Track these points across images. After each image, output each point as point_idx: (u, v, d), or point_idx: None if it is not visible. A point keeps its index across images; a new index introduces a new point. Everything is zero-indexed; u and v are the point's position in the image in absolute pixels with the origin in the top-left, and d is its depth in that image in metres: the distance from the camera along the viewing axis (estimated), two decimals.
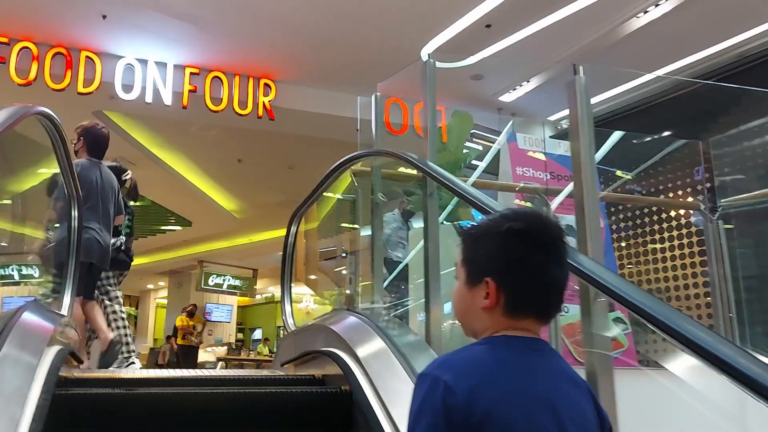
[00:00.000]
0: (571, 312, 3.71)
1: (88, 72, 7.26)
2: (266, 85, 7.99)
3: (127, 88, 7.39)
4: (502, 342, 1.12)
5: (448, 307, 2.68)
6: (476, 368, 1.07)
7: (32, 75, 7.04)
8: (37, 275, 13.94)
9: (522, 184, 3.72)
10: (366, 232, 3.80)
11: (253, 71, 7.91)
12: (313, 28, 6.97)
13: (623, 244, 4.47)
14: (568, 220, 3.79)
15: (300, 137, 9.45)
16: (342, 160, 3.65)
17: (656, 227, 4.53)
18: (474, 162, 5.34)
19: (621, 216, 4.60)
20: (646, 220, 4.58)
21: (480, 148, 5.51)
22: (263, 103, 7.96)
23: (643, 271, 4.45)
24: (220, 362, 18.46)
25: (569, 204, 3.59)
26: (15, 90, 7.16)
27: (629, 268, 4.50)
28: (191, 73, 7.61)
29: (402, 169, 3.88)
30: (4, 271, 13.86)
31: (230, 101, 7.77)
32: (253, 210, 13.55)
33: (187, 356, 16.97)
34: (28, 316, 1.90)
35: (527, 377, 1.08)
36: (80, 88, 7.23)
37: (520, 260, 1.13)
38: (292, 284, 18.29)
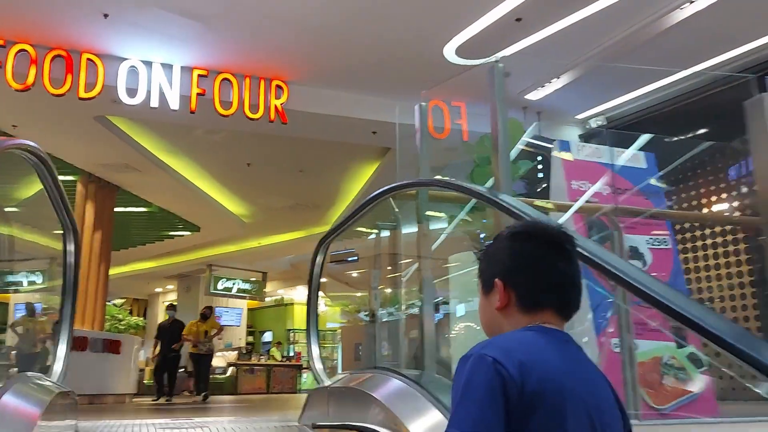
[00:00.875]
0: (641, 348, 3.24)
1: (90, 75, 6.81)
2: (278, 86, 7.53)
3: (131, 92, 6.94)
4: (533, 329, 1.13)
5: None
6: (521, 346, 1.07)
7: (30, 79, 6.60)
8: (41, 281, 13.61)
9: (582, 202, 3.24)
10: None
11: (265, 72, 7.45)
12: (327, 25, 6.51)
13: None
14: (634, 240, 3.31)
15: (311, 140, 9.00)
16: (385, 189, 3.17)
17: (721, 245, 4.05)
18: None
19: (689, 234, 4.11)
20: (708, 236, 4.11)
21: (529, 161, 5.02)
22: (275, 106, 7.49)
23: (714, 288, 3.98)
24: (231, 368, 18.09)
25: (644, 223, 3.12)
26: (13, 96, 6.73)
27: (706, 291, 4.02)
28: (199, 75, 7.15)
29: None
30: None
31: (240, 105, 7.32)
32: (262, 214, 13.13)
33: (198, 366, 16.50)
34: (10, 401, 1.44)
35: (567, 359, 1.09)
36: (81, 93, 6.79)
37: (523, 257, 1.18)
38: (300, 286, 17.85)
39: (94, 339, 9.51)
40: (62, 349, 2.52)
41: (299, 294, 21.44)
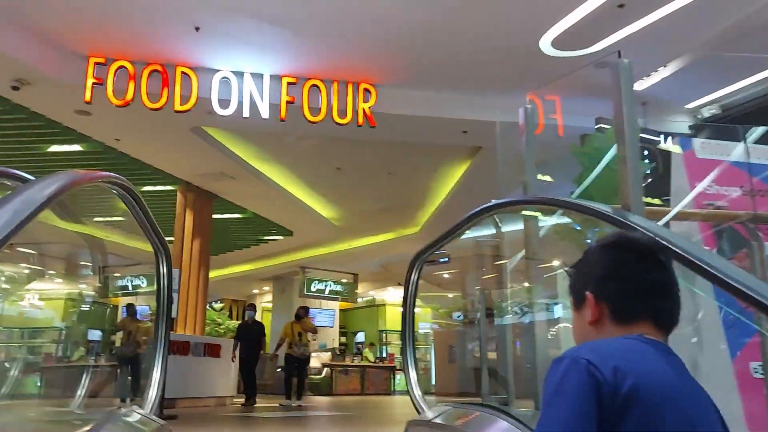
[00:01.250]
0: None
1: (185, 88, 6.96)
2: (366, 90, 7.42)
3: (224, 103, 7.04)
4: (632, 338, 1.09)
5: None
6: (616, 351, 1.03)
7: (129, 95, 6.83)
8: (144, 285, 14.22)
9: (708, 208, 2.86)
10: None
11: (352, 76, 7.36)
12: (414, 24, 6.30)
13: None
14: None
15: (400, 142, 8.84)
16: (487, 206, 2.90)
17: None
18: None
19: None
20: None
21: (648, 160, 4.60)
22: (363, 109, 7.38)
23: None
24: (326, 368, 18.31)
25: None
26: (114, 110, 6.99)
27: None
28: (288, 83, 7.16)
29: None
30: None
31: (329, 110, 7.26)
32: (353, 217, 13.13)
33: (291, 369, 16.71)
34: None
35: (666, 368, 1.04)
36: (177, 106, 6.95)
37: (614, 269, 1.14)
38: (391, 287, 17.68)
39: (196, 343, 9.80)
40: (156, 376, 2.44)
41: (390, 295, 21.43)
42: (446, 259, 14.75)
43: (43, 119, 7.62)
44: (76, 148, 8.57)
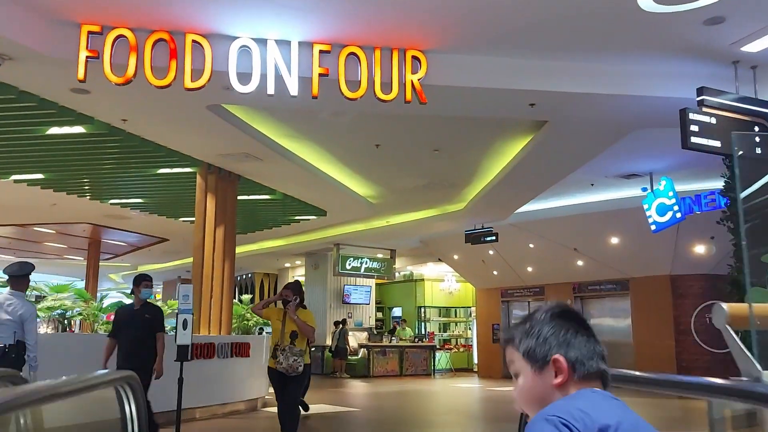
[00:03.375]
0: None
1: (196, 60, 5.73)
2: (414, 58, 6.10)
3: (244, 77, 5.80)
4: (591, 391, 1.28)
5: None
6: (584, 403, 1.21)
7: (131, 70, 5.63)
8: None
9: None
10: None
11: (398, 41, 6.03)
12: None
13: None
14: None
15: (449, 116, 7.54)
16: None
17: None
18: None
19: None
20: None
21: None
22: (411, 82, 6.08)
23: None
24: (362, 349, 17.39)
25: None
26: (119, 88, 5.81)
27: None
28: (321, 52, 5.88)
29: None
30: None
31: (370, 84, 5.98)
32: (391, 195, 11.93)
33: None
34: None
35: (621, 411, 1.23)
36: (188, 83, 5.74)
37: (573, 334, 1.33)
38: (430, 262, 16.42)
39: (221, 344, 8.82)
40: None
41: (429, 270, 20.31)
42: (493, 238, 13.49)
43: (35, 99, 6.51)
44: (79, 129, 7.46)
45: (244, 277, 23.19)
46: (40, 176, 9.61)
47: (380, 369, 17.03)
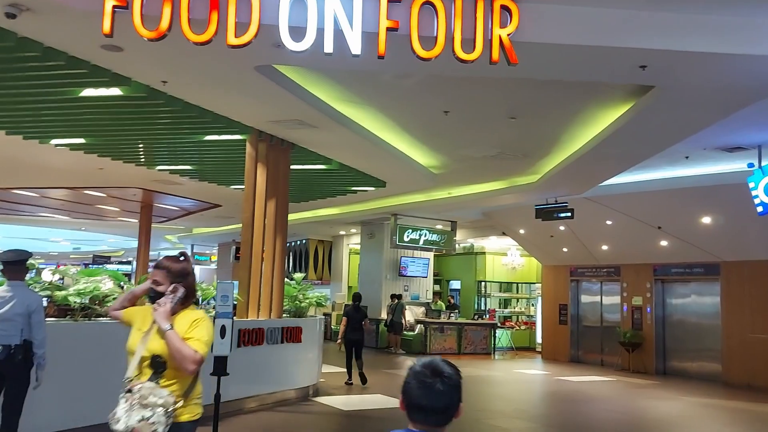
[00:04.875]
0: None
1: (241, 12, 4.76)
2: (504, 9, 4.96)
3: (298, 33, 4.80)
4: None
5: None
6: None
7: (164, 23, 4.71)
8: None
9: None
10: None
11: None
12: None
13: None
14: None
15: (531, 79, 6.40)
16: None
17: None
18: None
19: None
20: None
21: None
22: (499, 38, 4.96)
23: None
24: (419, 325, 16.59)
25: None
26: (158, 46, 4.92)
27: None
28: (389, 1, 4.82)
29: None
30: None
31: (449, 41, 4.90)
32: (457, 164, 10.86)
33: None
34: None
35: None
36: (231, 39, 4.79)
37: (408, 383, 1.79)
38: (493, 236, 15.12)
39: (271, 329, 8.08)
40: None
41: (492, 243, 19.19)
42: (569, 215, 12.25)
43: (62, 56, 5.71)
44: (116, 92, 6.66)
45: (297, 243, 22.62)
46: (81, 141, 8.95)
47: (437, 346, 16.21)
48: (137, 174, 11.51)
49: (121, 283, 6.68)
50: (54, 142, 8.99)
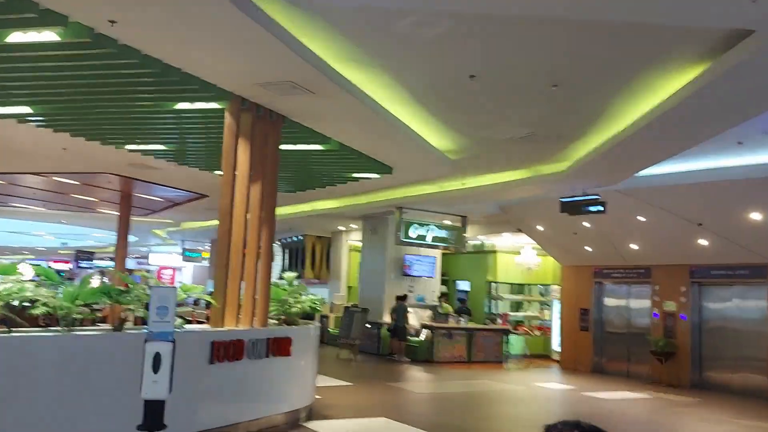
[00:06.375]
0: None
1: None
2: None
3: None
4: None
5: None
6: None
7: None
8: None
9: None
10: None
11: None
12: None
13: None
14: None
15: (581, 34, 4.92)
16: None
17: None
18: None
19: None
20: None
21: None
22: None
23: None
24: (425, 330, 15.11)
25: None
26: None
27: None
28: None
29: None
30: None
31: None
32: (476, 148, 9.38)
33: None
34: None
35: None
36: None
37: None
38: (506, 232, 13.20)
39: (254, 340, 6.58)
40: None
41: (503, 241, 17.66)
42: (601, 208, 10.74)
43: None
44: (51, 37, 5.15)
45: (293, 239, 21.11)
46: (26, 110, 7.42)
47: (445, 354, 14.74)
48: (107, 157, 10.03)
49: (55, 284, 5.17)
50: None
